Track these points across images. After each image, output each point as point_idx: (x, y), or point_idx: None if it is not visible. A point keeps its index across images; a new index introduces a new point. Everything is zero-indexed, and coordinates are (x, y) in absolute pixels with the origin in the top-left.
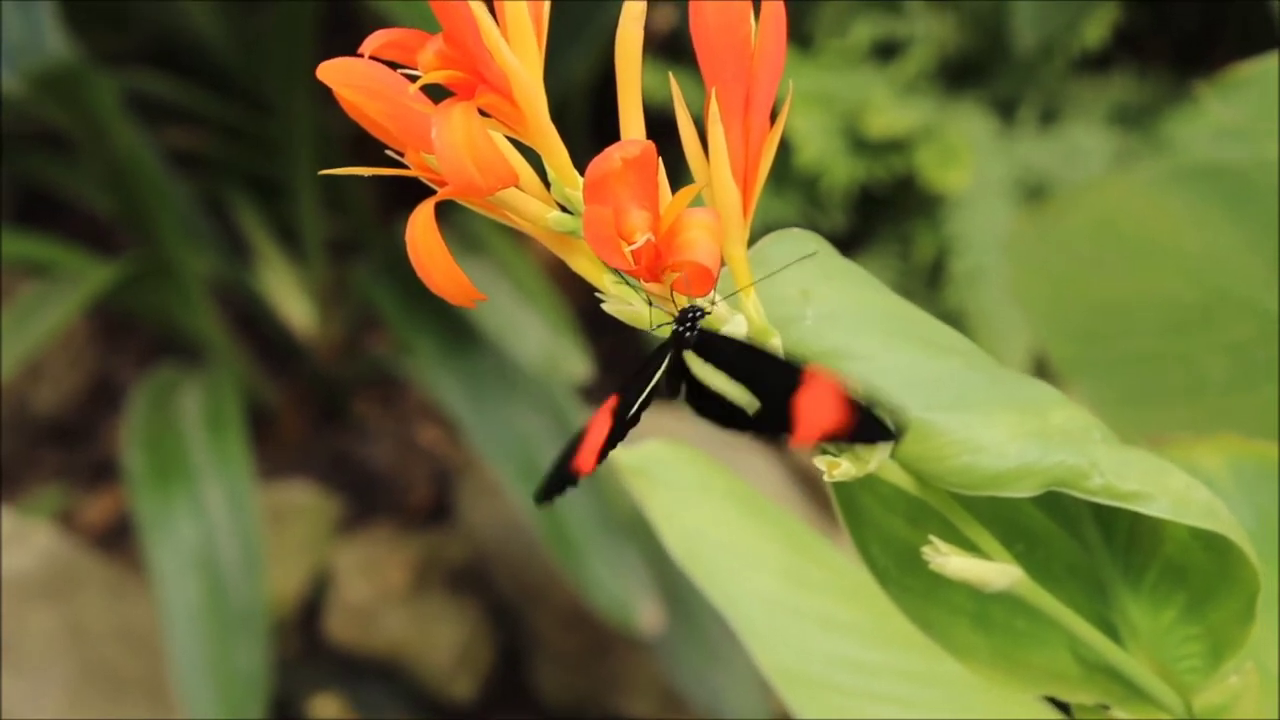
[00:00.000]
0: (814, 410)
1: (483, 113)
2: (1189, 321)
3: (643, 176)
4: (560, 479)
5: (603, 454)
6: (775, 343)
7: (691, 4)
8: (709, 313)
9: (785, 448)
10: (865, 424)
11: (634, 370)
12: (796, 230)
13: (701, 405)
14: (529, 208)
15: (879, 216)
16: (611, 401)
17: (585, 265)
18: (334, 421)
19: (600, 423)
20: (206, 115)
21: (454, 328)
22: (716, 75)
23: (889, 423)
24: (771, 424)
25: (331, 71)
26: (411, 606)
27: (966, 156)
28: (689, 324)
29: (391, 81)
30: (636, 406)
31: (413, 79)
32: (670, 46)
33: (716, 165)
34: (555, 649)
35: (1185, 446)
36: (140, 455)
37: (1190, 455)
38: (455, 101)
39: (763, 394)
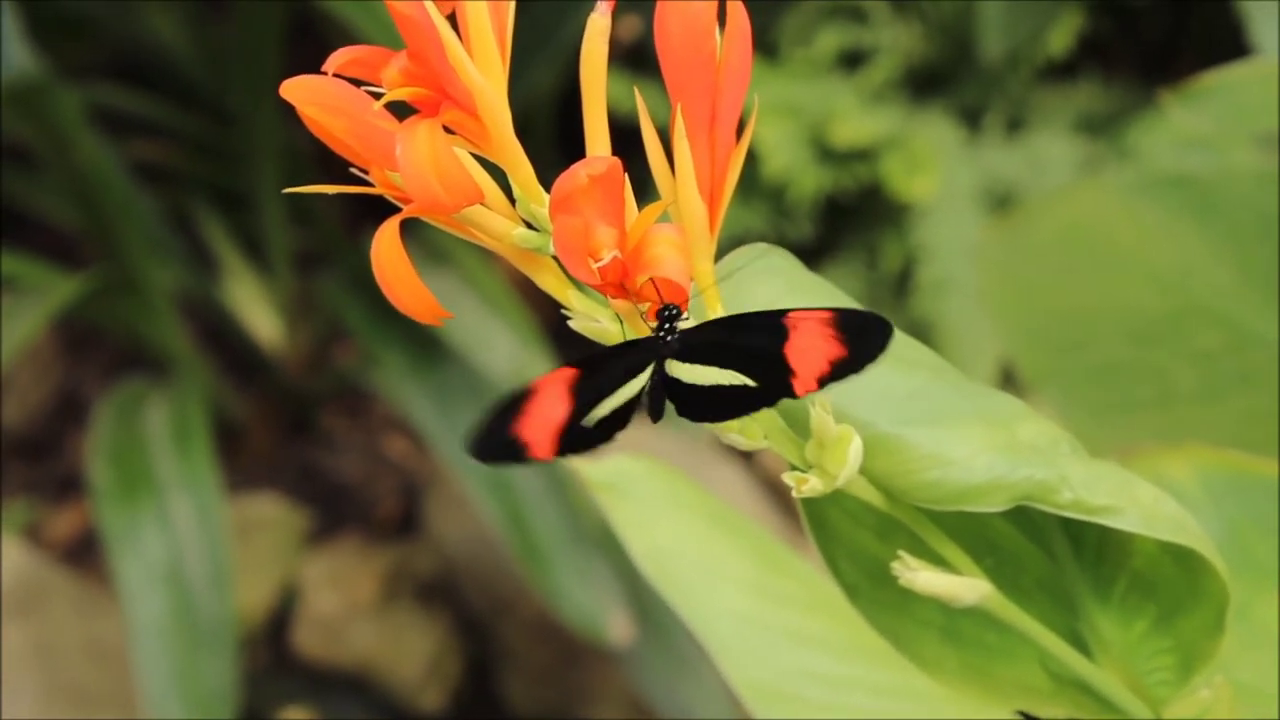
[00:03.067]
0: (807, 354)
1: (447, 129)
2: (1157, 331)
3: (609, 193)
4: (502, 443)
5: (565, 446)
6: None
7: (656, 16)
8: (686, 315)
9: (752, 456)
10: (861, 343)
11: (597, 353)
12: (763, 245)
13: (691, 409)
14: (494, 224)
15: (846, 226)
16: (567, 373)
17: (551, 282)
18: (301, 434)
19: (552, 395)
20: (171, 128)
21: (421, 340)
22: (682, 89)
23: (879, 331)
24: (771, 390)
25: (295, 89)
26: (380, 618)
27: (933, 165)
28: (667, 326)
29: (355, 99)
30: (606, 418)
31: (377, 96)
32: (634, 57)
33: (683, 181)
34: (524, 660)
35: (1154, 457)
36: (106, 469)
37: (1159, 465)
38: (420, 119)
39: (753, 364)
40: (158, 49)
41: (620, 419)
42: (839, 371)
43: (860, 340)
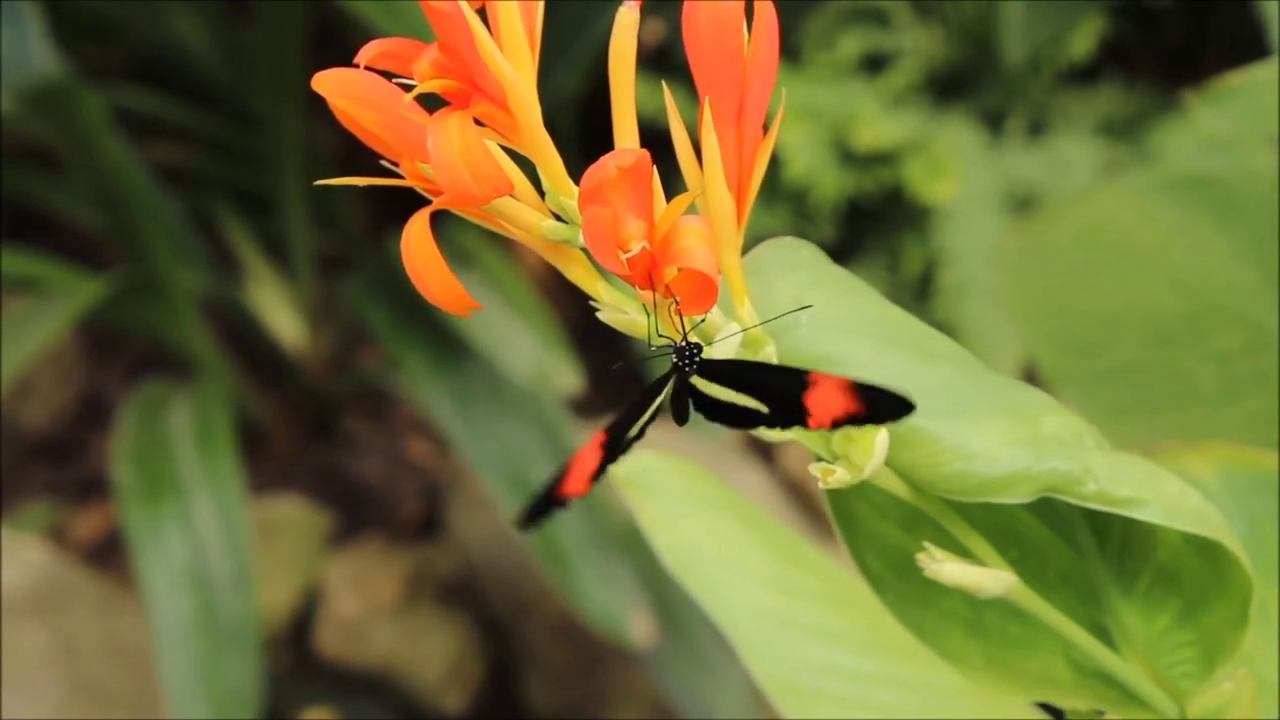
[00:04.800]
0: (825, 404)
1: (478, 122)
2: (1177, 332)
3: (638, 185)
4: (545, 505)
5: (594, 478)
6: (769, 350)
7: (685, 13)
8: (705, 348)
9: (775, 458)
10: (877, 403)
11: (626, 408)
12: (789, 239)
13: (712, 413)
14: (524, 216)
15: (868, 229)
16: (600, 438)
17: (580, 274)
18: (324, 436)
19: (588, 457)
20: (195, 130)
21: (444, 342)
22: (710, 84)
23: (901, 397)
24: (785, 419)
25: (326, 82)
26: (402, 620)
27: (954, 168)
28: (688, 360)
29: (386, 91)
30: (636, 430)
31: (407, 89)
32: (658, 60)
33: (710, 174)
34: (546, 662)
35: (1176, 455)
36: (130, 470)
37: (1181, 464)
38: (451, 111)
39: (771, 400)
40: (181, 51)
41: (638, 435)
42: (853, 421)
43: (878, 406)
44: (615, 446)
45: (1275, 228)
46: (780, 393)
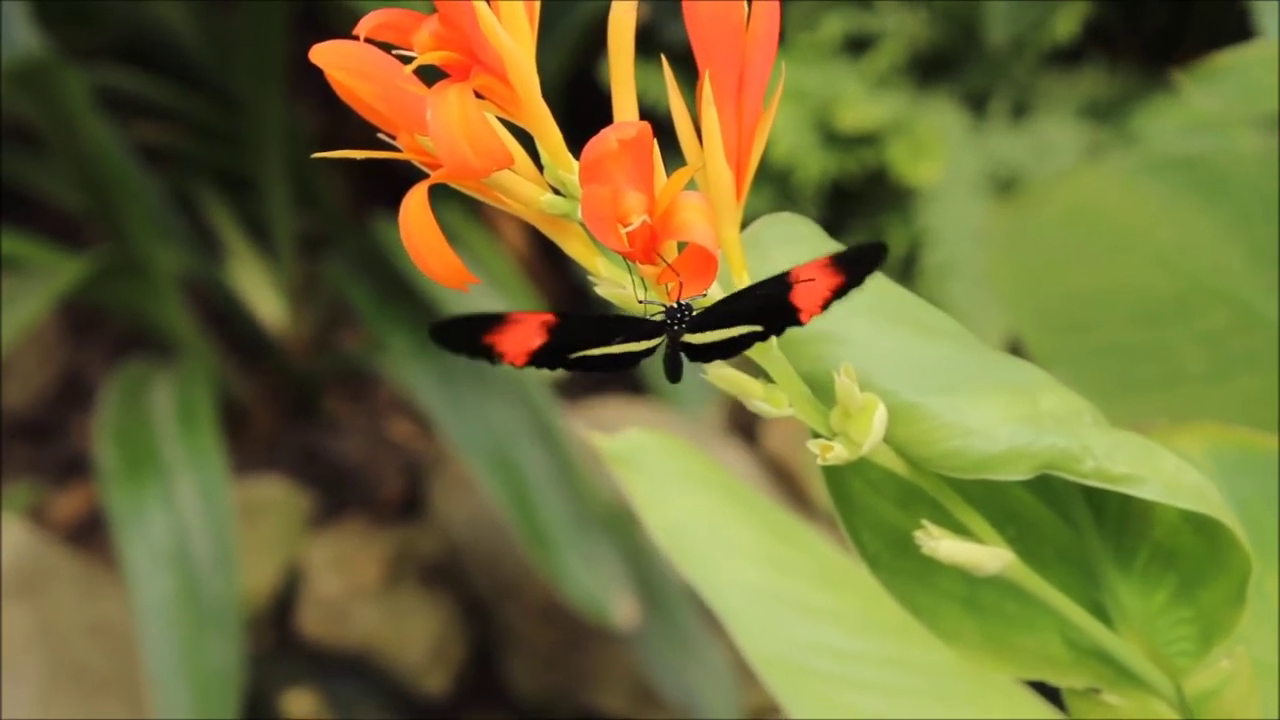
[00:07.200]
0: (810, 292)
1: (477, 95)
2: (1164, 312)
3: (638, 158)
4: (471, 341)
5: (536, 362)
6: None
7: None
8: (695, 311)
9: (757, 438)
10: (854, 264)
11: (586, 314)
12: (787, 214)
13: (701, 356)
14: (522, 190)
15: (851, 210)
16: (546, 318)
17: (578, 248)
18: (306, 416)
19: (528, 327)
20: (177, 110)
21: (427, 321)
22: (710, 57)
23: (874, 251)
24: (778, 326)
25: (324, 54)
26: (384, 601)
27: (938, 150)
28: (680, 320)
29: (385, 63)
30: (591, 354)
31: (405, 61)
32: (644, 40)
33: (710, 148)
34: (529, 643)
35: (1165, 434)
36: (112, 450)
37: (1170, 442)
38: (450, 83)
39: (760, 315)
40: (163, 31)
41: (604, 364)
42: (839, 294)
43: (856, 265)
44: (562, 346)
45: (1261, 208)
46: (768, 304)
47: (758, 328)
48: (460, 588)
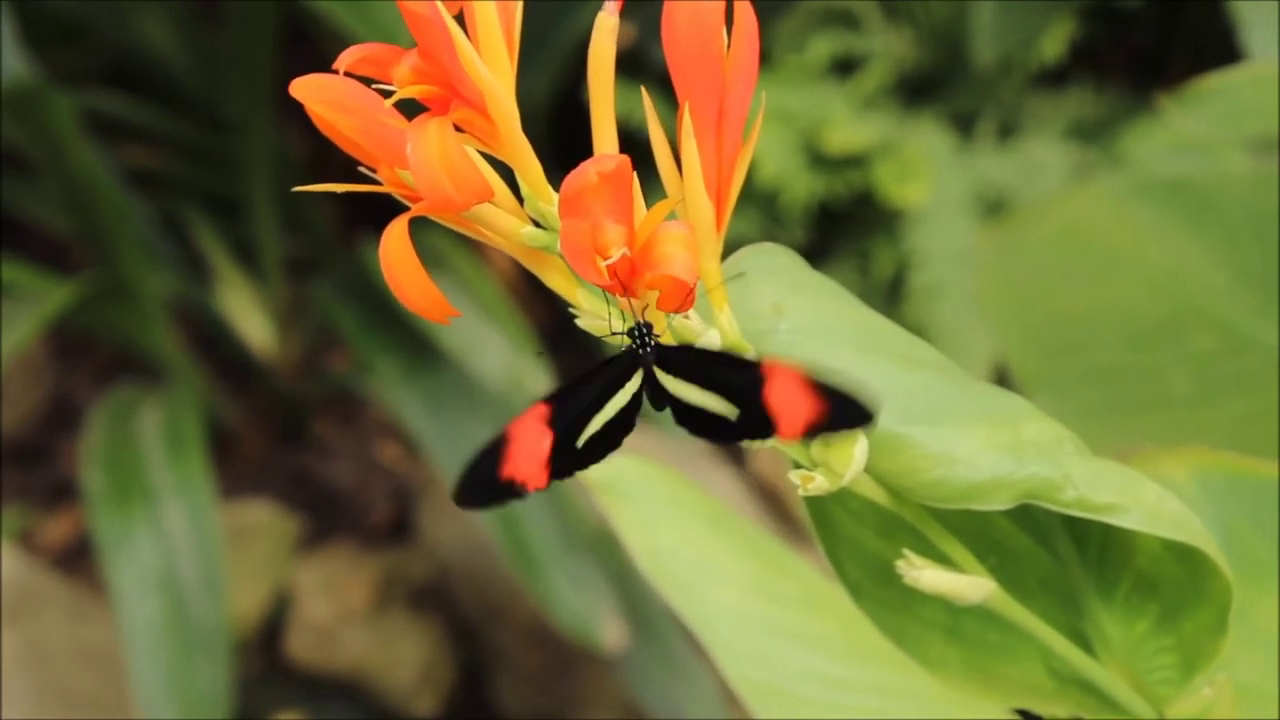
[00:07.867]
0: (786, 403)
1: (457, 128)
2: (1152, 334)
3: (618, 191)
4: (491, 487)
5: (558, 471)
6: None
7: (665, 14)
8: (658, 333)
9: (745, 462)
10: (839, 409)
11: (568, 383)
12: (768, 245)
13: (685, 419)
14: (502, 223)
15: (838, 232)
16: (540, 410)
17: (558, 280)
18: (294, 440)
19: (530, 431)
20: (165, 134)
21: (415, 345)
22: (689, 88)
23: (862, 403)
24: (754, 427)
25: (304, 87)
26: (373, 625)
27: (925, 171)
28: (642, 340)
29: (365, 97)
30: (597, 436)
31: (385, 94)
32: (630, 63)
33: (690, 179)
34: (518, 666)
35: (1151, 459)
36: (100, 475)
37: (1156, 467)
38: (430, 116)
39: (733, 397)
40: (151, 55)
41: (612, 435)
42: (817, 430)
43: (838, 414)
44: (568, 432)
45: (1250, 230)
46: (738, 387)
47: (731, 413)
48: (449, 611)
